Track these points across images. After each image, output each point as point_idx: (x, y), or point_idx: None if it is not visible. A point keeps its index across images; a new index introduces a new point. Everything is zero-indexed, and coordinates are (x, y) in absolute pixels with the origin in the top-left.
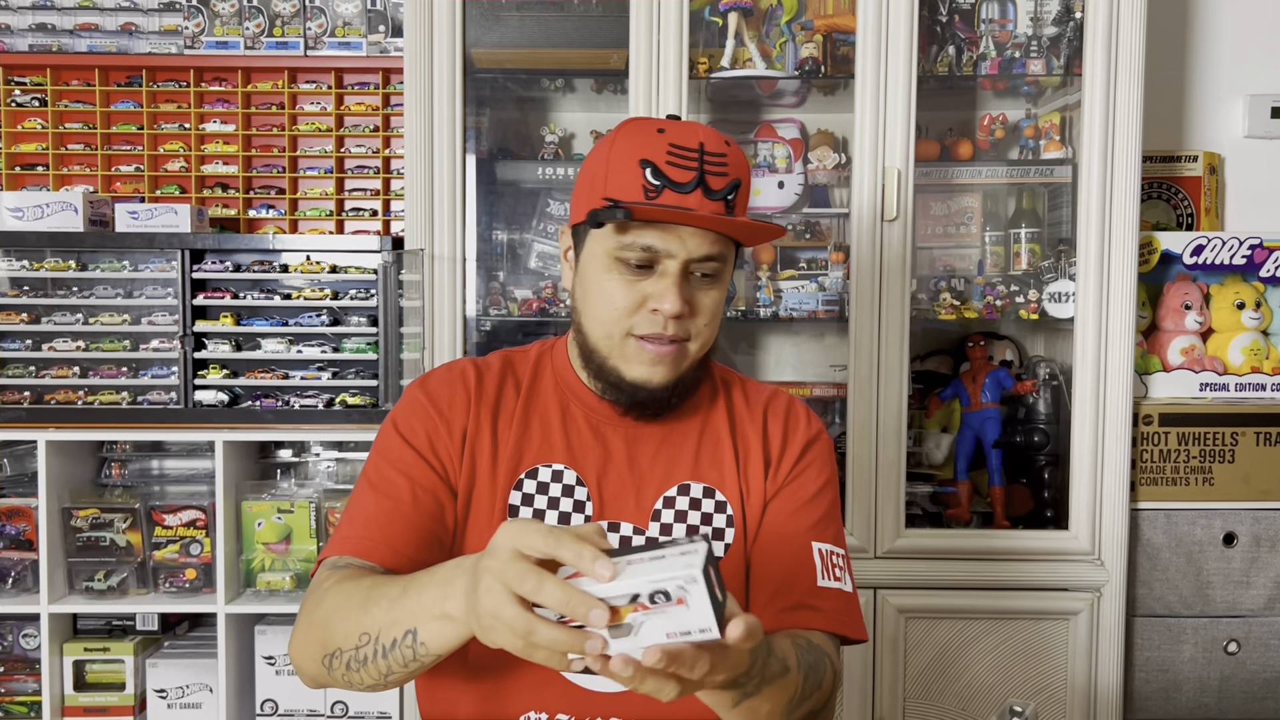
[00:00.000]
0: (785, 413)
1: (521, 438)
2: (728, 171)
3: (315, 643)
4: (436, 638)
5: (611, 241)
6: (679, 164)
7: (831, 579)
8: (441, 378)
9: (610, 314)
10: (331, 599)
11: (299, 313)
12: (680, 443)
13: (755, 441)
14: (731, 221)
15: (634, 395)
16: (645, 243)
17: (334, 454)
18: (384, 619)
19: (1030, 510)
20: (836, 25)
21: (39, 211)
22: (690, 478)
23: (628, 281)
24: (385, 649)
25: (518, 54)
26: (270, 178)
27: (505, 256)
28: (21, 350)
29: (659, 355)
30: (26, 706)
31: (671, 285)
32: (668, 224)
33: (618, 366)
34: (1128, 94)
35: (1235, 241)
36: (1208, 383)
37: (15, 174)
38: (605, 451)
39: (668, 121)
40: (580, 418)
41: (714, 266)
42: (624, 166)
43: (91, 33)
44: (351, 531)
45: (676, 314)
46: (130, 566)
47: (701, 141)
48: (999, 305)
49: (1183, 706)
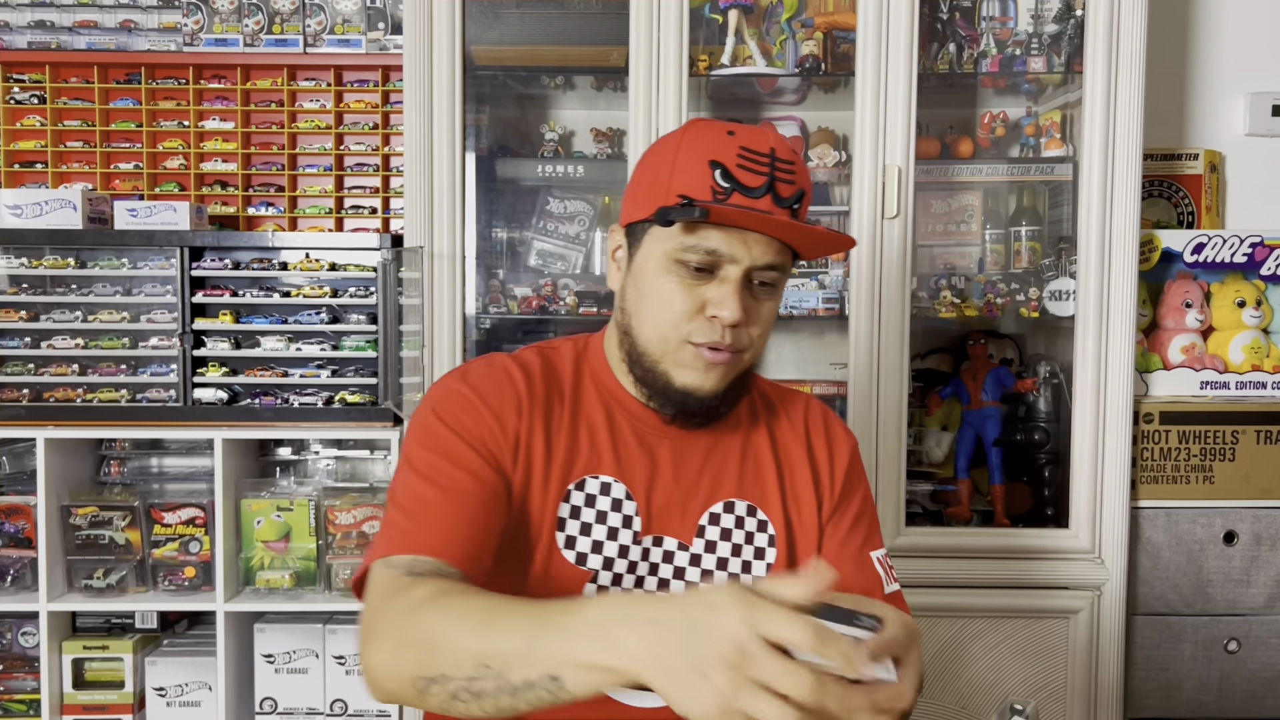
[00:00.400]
0: (825, 427)
1: (570, 446)
2: (795, 180)
3: (411, 661)
4: (586, 686)
5: (673, 242)
6: (750, 168)
7: (892, 581)
8: (485, 374)
9: (667, 317)
10: (434, 616)
11: (298, 310)
12: (725, 456)
13: (800, 459)
14: (812, 229)
15: (683, 403)
16: (710, 246)
17: (333, 452)
18: (513, 654)
19: (1030, 508)
20: (837, 23)
21: (38, 209)
22: (735, 494)
23: (686, 285)
24: (515, 688)
25: (517, 51)
26: (269, 175)
27: (505, 254)
28: (20, 348)
29: (713, 363)
30: (25, 705)
31: (733, 292)
32: (734, 228)
33: (668, 371)
34: (1128, 91)
35: (1236, 240)
36: (1208, 381)
37: (14, 171)
38: (653, 463)
39: (736, 125)
40: (626, 426)
41: (774, 276)
42: (692, 166)
43: (90, 30)
44: (417, 529)
45: (736, 322)
46: (129, 564)
47: (773, 147)
48: (999, 303)
49: (1183, 705)
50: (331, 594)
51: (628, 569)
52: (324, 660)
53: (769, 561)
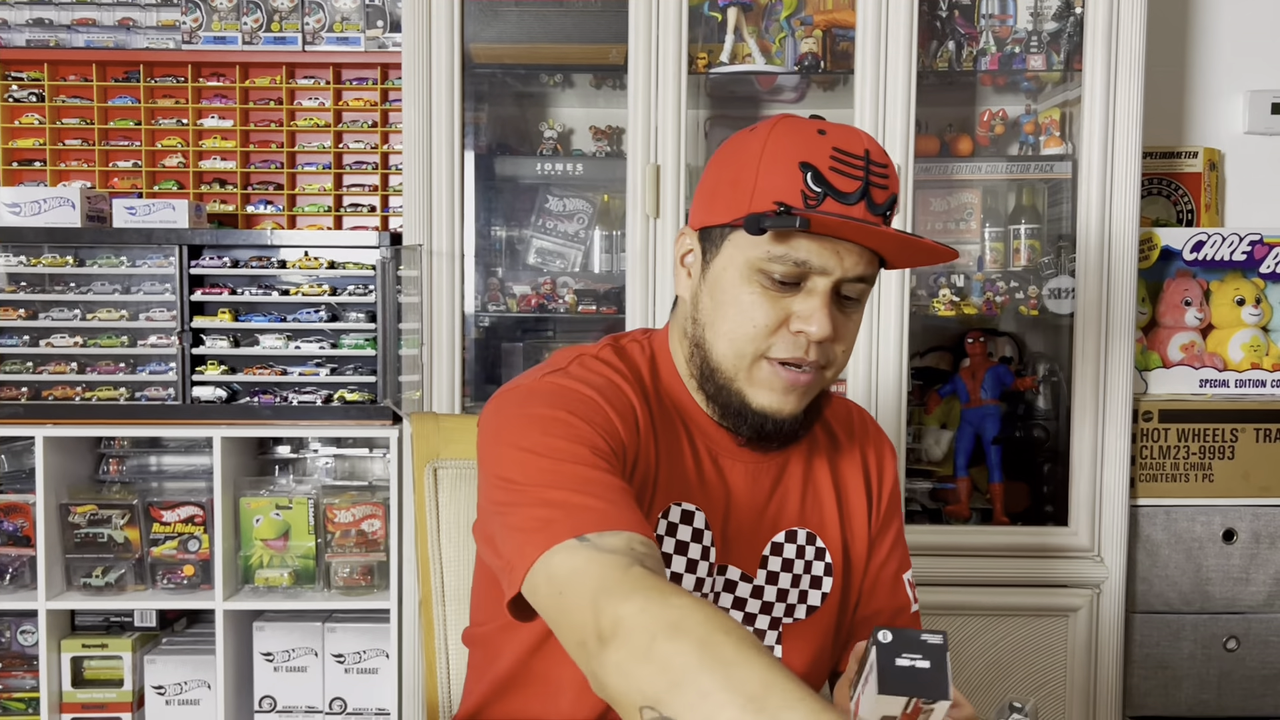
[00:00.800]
0: (876, 440)
1: (654, 467)
2: (889, 185)
3: (649, 680)
4: None
5: (759, 250)
6: (844, 171)
7: (915, 601)
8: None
9: (747, 331)
10: (695, 653)
11: (297, 309)
12: (789, 483)
13: (856, 481)
14: (919, 241)
15: (760, 426)
16: (800, 256)
17: (332, 450)
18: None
19: (1030, 507)
20: (836, 20)
21: (36, 207)
22: (797, 523)
23: (771, 297)
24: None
25: (516, 49)
26: (268, 173)
27: (504, 252)
28: (19, 346)
29: (793, 383)
30: (24, 703)
31: (821, 305)
32: (826, 237)
33: (743, 390)
34: (1128, 89)
35: (1235, 238)
36: (1207, 379)
37: (13, 169)
38: (727, 490)
39: (827, 123)
40: (703, 449)
41: (862, 289)
42: (780, 168)
43: (89, 28)
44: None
45: (824, 338)
46: (128, 563)
47: (867, 149)
48: (999, 301)
49: (1182, 703)
50: (330, 592)
51: None
52: (323, 658)
53: (825, 591)
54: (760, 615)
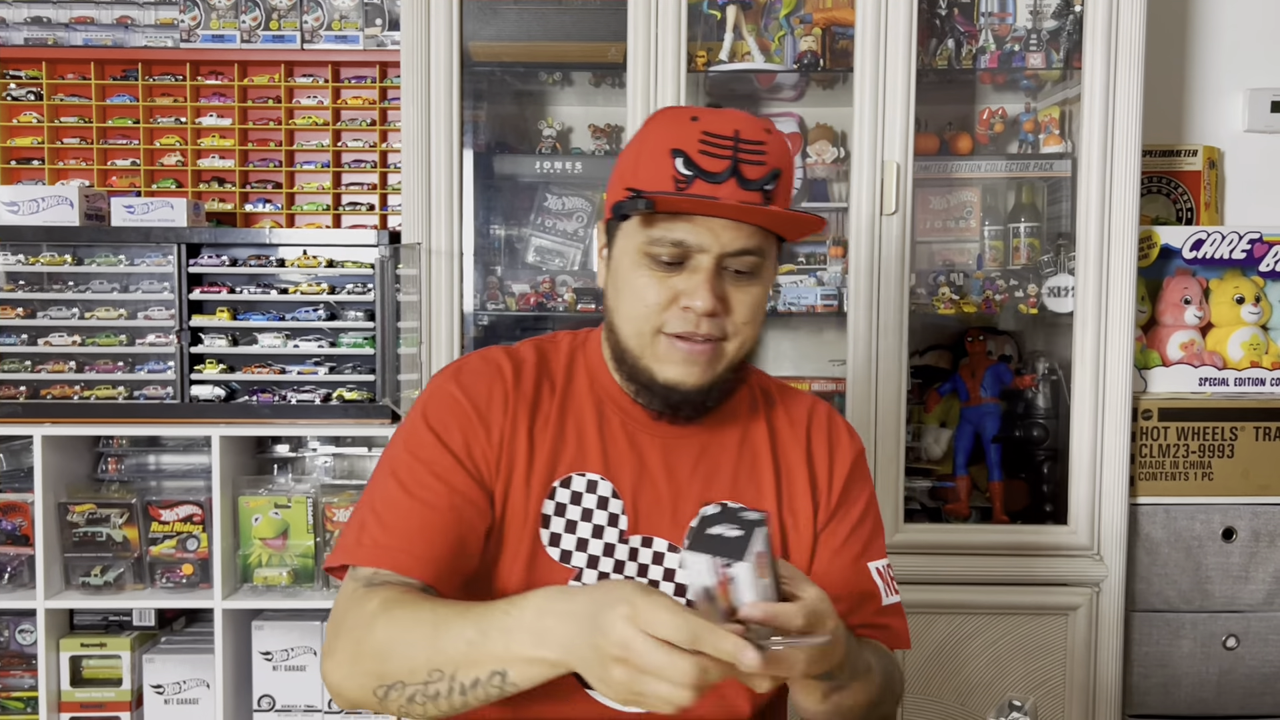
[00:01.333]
0: (828, 430)
1: (557, 442)
2: (765, 160)
3: (367, 673)
4: (529, 678)
5: (641, 236)
6: (712, 152)
7: (892, 593)
8: (477, 370)
9: (641, 311)
10: (385, 629)
11: (296, 307)
12: (719, 456)
13: (799, 462)
14: (761, 211)
15: (667, 398)
16: (675, 237)
17: (331, 449)
18: (461, 659)
19: (1029, 505)
20: (835, 19)
21: (34, 205)
22: (729, 496)
23: (659, 277)
24: (465, 687)
25: (515, 47)
26: (267, 172)
27: (503, 251)
28: (17, 345)
29: (692, 354)
30: (23, 702)
31: (703, 281)
32: (699, 216)
33: (650, 367)
34: (1127, 88)
35: (1235, 236)
36: (1207, 377)
37: (11, 168)
38: (641, 462)
39: (703, 109)
40: (616, 423)
41: (750, 262)
42: (654, 157)
43: (87, 26)
44: (389, 541)
45: (709, 311)
46: (127, 562)
47: (737, 129)
48: (998, 300)
49: (1181, 701)
50: (330, 591)
51: (615, 568)
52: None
53: None
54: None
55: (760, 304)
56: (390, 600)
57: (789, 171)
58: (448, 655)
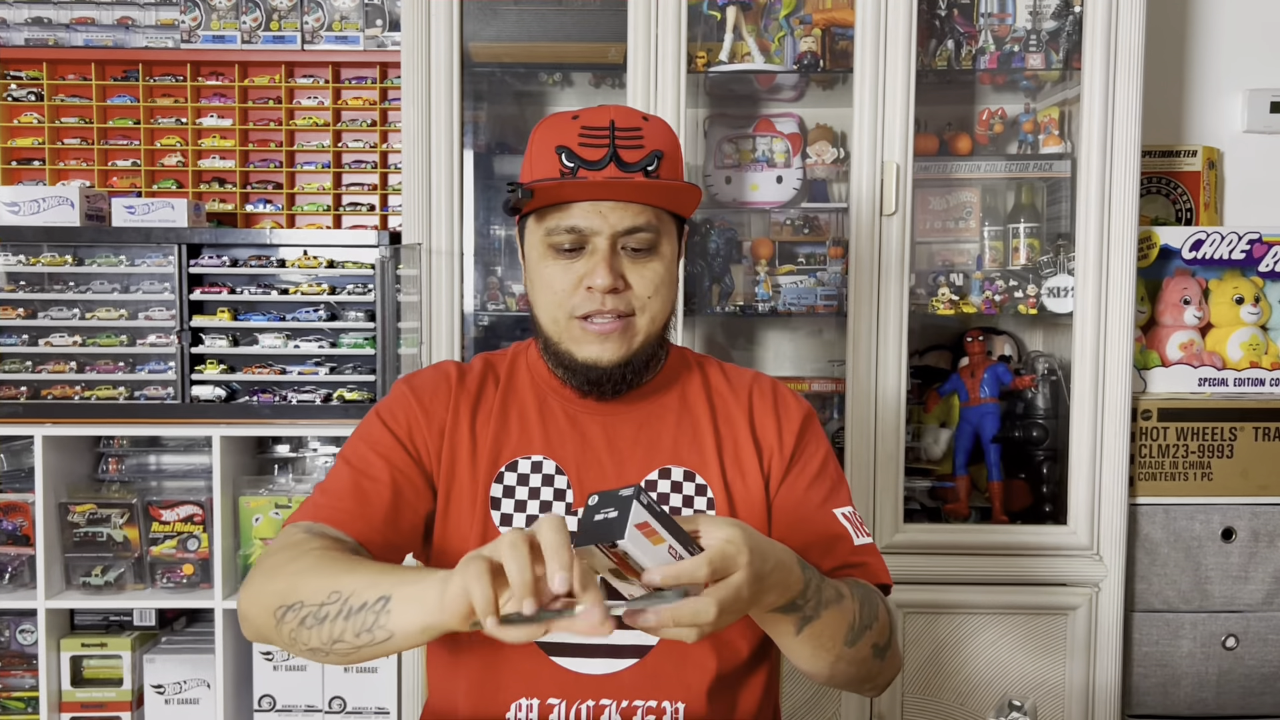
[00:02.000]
0: (772, 397)
1: (500, 431)
2: (643, 144)
3: (275, 593)
4: (400, 615)
5: (540, 230)
6: (590, 143)
7: (864, 536)
8: (425, 375)
9: (552, 298)
10: (313, 559)
11: (296, 308)
12: (658, 426)
13: (742, 426)
14: (629, 184)
15: (588, 375)
16: (568, 224)
17: (331, 449)
18: (361, 583)
19: (1029, 505)
20: (835, 19)
21: (35, 206)
22: (670, 461)
23: (563, 265)
24: (351, 610)
25: (515, 48)
26: (267, 172)
27: (503, 251)
28: (18, 345)
29: (604, 332)
30: (24, 702)
31: (600, 261)
32: (588, 203)
33: (570, 350)
34: (1127, 88)
35: (1234, 236)
36: (1206, 378)
37: (11, 168)
38: (583, 439)
39: (586, 109)
40: (557, 408)
41: (645, 238)
42: (542, 156)
43: (88, 27)
44: (327, 501)
45: (609, 288)
46: (127, 562)
47: (612, 119)
48: (997, 300)
49: (1181, 701)
50: None
51: None
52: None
53: None
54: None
55: (663, 279)
56: (328, 545)
57: (672, 153)
58: (352, 580)
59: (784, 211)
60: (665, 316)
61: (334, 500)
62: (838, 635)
